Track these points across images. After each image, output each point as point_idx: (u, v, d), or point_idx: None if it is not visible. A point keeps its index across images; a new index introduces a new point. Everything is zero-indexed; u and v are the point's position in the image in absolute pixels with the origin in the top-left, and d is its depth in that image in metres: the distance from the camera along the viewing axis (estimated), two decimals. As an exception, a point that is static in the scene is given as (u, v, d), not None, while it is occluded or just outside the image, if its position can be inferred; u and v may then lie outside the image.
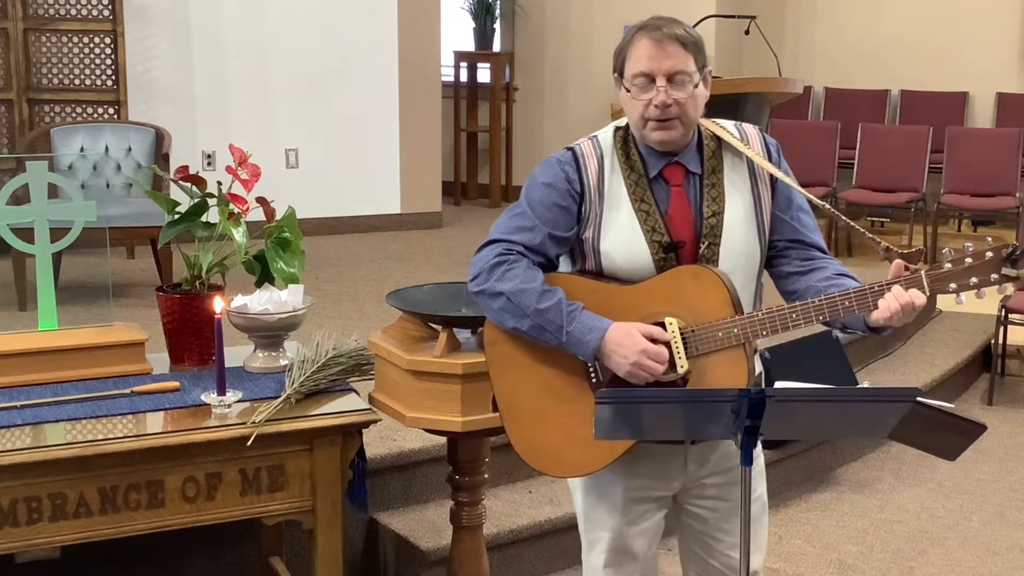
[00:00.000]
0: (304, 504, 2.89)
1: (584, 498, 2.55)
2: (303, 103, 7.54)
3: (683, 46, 2.30)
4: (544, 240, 2.38)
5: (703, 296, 2.28)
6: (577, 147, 2.42)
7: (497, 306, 2.36)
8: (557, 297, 2.32)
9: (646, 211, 2.35)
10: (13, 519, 2.62)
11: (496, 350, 2.46)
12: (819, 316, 2.24)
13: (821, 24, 9.45)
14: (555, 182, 2.38)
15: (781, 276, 2.43)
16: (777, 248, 2.42)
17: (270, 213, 3.21)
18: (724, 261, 2.34)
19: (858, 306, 2.21)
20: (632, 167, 2.38)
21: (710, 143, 2.40)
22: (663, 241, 2.33)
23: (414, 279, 5.88)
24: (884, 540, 4.25)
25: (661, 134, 2.33)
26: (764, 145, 2.44)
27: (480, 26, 9.14)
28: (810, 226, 2.44)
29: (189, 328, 3.15)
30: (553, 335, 2.31)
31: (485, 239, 2.46)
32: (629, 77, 2.34)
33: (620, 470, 2.44)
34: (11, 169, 6.30)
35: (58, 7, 6.72)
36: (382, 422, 3.07)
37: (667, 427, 2.30)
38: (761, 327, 2.24)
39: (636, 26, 2.36)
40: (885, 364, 5.68)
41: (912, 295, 2.18)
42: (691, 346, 2.28)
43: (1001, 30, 8.87)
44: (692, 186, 2.37)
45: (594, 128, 2.49)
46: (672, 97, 2.29)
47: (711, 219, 2.35)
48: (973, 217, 8.31)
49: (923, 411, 2.16)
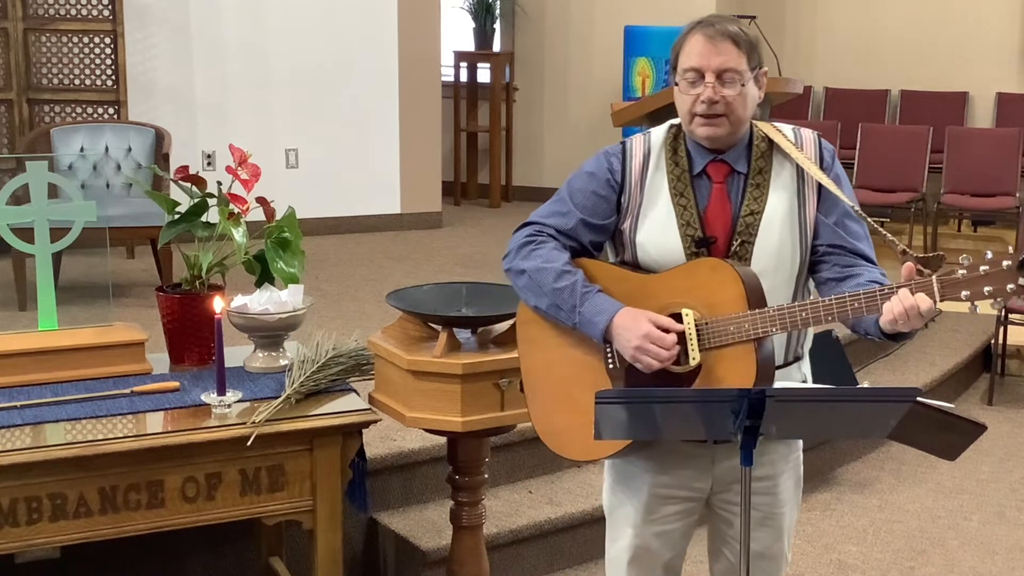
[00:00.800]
0: (304, 504, 2.89)
1: (610, 492, 2.57)
2: (303, 103, 7.54)
3: (736, 44, 2.31)
4: (577, 225, 2.42)
5: (719, 290, 2.28)
6: (628, 141, 2.46)
7: (521, 284, 2.43)
8: (575, 278, 2.36)
9: (683, 205, 2.37)
10: (13, 519, 2.62)
11: (526, 329, 2.50)
12: (828, 315, 2.23)
13: (821, 24, 9.45)
14: (597, 171, 2.43)
15: (820, 282, 2.43)
16: (818, 253, 2.41)
17: (270, 213, 3.21)
18: (758, 260, 2.35)
19: (867, 307, 2.20)
20: (677, 162, 2.40)
21: (761, 144, 2.40)
22: (695, 235, 2.35)
23: (414, 279, 5.90)
24: (884, 540, 4.25)
25: (706, 130, 2.34)
26: (819, 150, 2.43)
27: (480, 26, 9.13)
28: (856, 233, 2.42)
29: (189, 328, 3.15)
30: (567, 314, 2.36)
31: (523, 222, 2.50)
32: (680, 71, 2.35)
33: (647, 466, 2.46)
34: (11, 169, 6.31)
35: (58, 7, 6.72)
36: (382, 422, 3.07)
37: (668, 428, 2.29)
38: (771, 324, 2.24)
39: (693, 22, 2.37)
40: (885, 364, 5.67)
41: (918, 299, 2.14)
42: (704, 338, 2.29)
43: (1001, 30, 8.87)
44: (736, 184, 2.38)
45: (593, 128, 2.51)
46: (720, 94, 2.30)
47: (748, 217, 2.36)
48: (973, 217, 8.31)
49: (923, 411, 2.16)
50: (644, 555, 2.53)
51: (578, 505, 3.97)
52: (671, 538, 2.52)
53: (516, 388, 2.87)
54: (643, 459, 2.46)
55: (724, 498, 2.49)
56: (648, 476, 2.47)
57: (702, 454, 2.44)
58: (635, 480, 2.50)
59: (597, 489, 4.07)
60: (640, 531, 2.51)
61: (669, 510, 2.49)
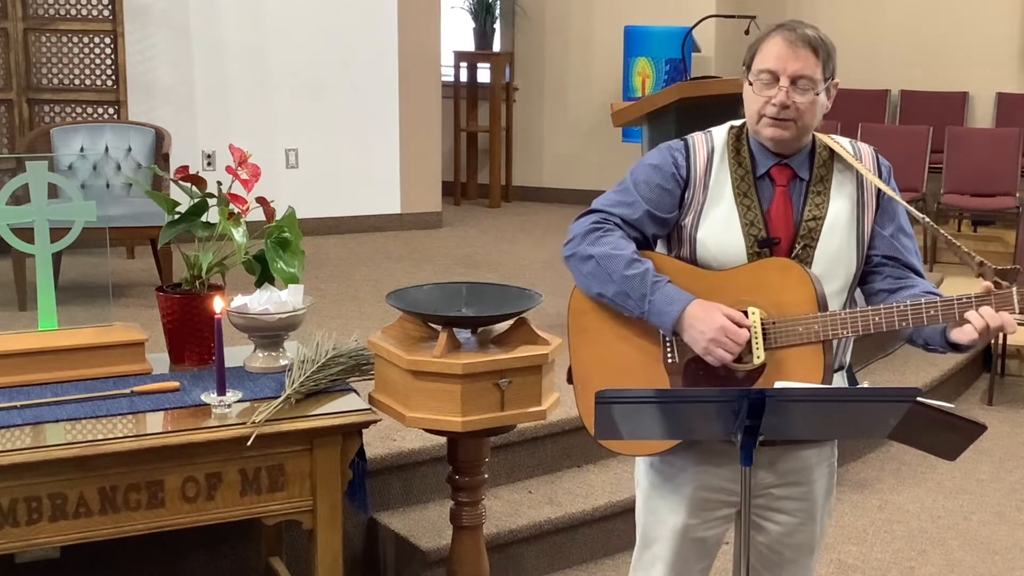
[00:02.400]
0: (304, 504, 2.89)
1: (649, 494, 2.52)
2: (303, 103, 7.54)
3: (814, 52, 2.30)
4: (642, 216, 2.40)
5: (789, 290, 2.28)
6: (690, 138, 2.44)
7: (586, 270, 2.38)
8: (645, 267, 2.33)
9: (747, 205, 2.37)
10: (13, 519, 2.62)
11: (580, 320, 2.46)
12: (902, 321, 2.23)
13: (821, 24, 9.28)
14: (662, 164, 2.41)
15: (872, 293, 2.43)
16: (872, 263, 2.42)
17: (270, 213, 3.21)
18: (818, 264, 2.35)
19: (943, 316, 2.21)
20: (740, 163, 2.39)
21: (823, 152, 2.41)
22: (759, 236, 2.35)
23: (414, 279, 5.90)
24: (884, 540, 4.25)
25: (773, 131, 2.33)
26: (876, 164, 2.44)
27: (480, 26, 9.13)
28: (909, 248, 2.44)
29: (189, 328, 3.15)
30: (636, 303, 2.33)
31: (585, 209, 2.47)
32: (755, 71, 2.33)
33: (690, 464, 2.43)
34: (11, 169, 6.31)
35: (58, 7, 6.71)
36: (382, 422, 3.07)
37: (668, 428, 2.28)
38: (843, 327, 2.25)
39: (776, 23, 2.36)
40: (885, 364, 5.67)
41: (1003, 318, 2.17)
42: (770, 338, 2.28)
43: (1001, 30, 8.87)
44: (797, 189, 2.38)
45: (593, 128, 2.50)
46: (792, 99, 2.29)
47: (810, 222, 2.36)
48: (973, 217, 8.31)
49: (923, 411, 2.16)
50: (680, 563, 2.48)
51: (578, 505, 3.97)
52: (706, 545, 2.50)
53: (516, 388, 2.87)
54: (685, 459, 2.42)
55: (759, 503, 2.46)
56: (691, 476, 2.44)
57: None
58: (677, 480, 2.45)
59: (597, 489, 4.08)
60: (681, 536, 2.46)
61: (711, 515, 2.46)
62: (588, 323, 2.45)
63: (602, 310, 2.42)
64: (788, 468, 2.44)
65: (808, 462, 2.47)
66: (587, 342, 2.46)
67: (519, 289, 3.10)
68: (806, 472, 2.47)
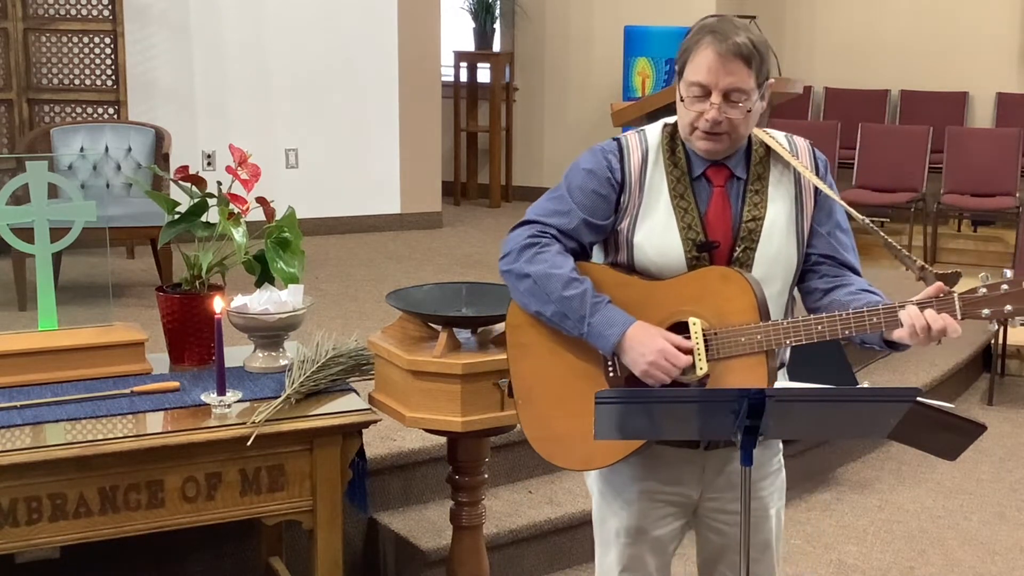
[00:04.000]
0: (304, 504, 2.89)
1: (601, 503, 2.53)
2: (303, 103, 7.54)
3: (747, 63, 2.22)
4: (579, 225, 2.35)
5: (730, 299, 2.25)
6: (623, 138, 2.40)
7: (523, 288, 2.33)
8: (584, 287, 2.29)
9: (684, 208, 2.32)
10: (13, 519, 2.62)
11: (518, 333, 2.43)
12: (845, 329, 2.20)
13: (821, 24, 9.45)
14: (596, 169, 2.36)
15: (808, 291, 2.41)
16: (810, 261, 2.39)
17: (270, 213, 3.21)
18: (758, 267, 2.32)
19: (886, 323, 2.18)
20: (676, 164, 2.35)
21: (759, 149, 2.37)
22: (697, 239, 2.31)
23: (414, 279, 5.90)
24: (884, 540, 4.25)
25: (706, 144, 2.29)
26: (813, 159, 2.42)
27: (480, 26, 9.13)
28: (846, 245, 2.42)
29: (189, 328, 3.15)
30: (575, 324, 2.29)
31: (520, 219, 2.42)
32: (686, 82, 2.27)
33: (635, 472, 2.42)
34: (11, 169, 6.30)
35: (58, 7, 6.72)
36: (382, 422, 3.07)
37: (668, 428, 2.28)
38: (785, 336, 2.21)
39: (706, 25, 2.27)
40: (885, 364, 5.67)
41: (946, 320, 2.14)
42: (712, 348, 2.25)
43: (1001, 30, 8.87)
44: (735, 189, 2.35)
45: (593, 128, 2.48)
46: (724, 115, 2.24)
47: (750, 223, 2.32)
48: (973, 217, 8.32)
49: (923, 411, 2.16)
50: (637, 565, 2.49)
51: (578, 505, 3.97)
52: (661, 544, 2.49)
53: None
54: (632, 465, 2.41)
55: (713, 507, 2.46)
56: (639, 481, 2.43)
57: (693, 460, 2.41)
58: (625, 487, 2.46)
59: (597, 489, 4.08)
60: (633, 539, 2.47)
61: (660, 513, 2.46)
62: (526, 337, 2.41)
63: (539, 324, 2.37)
64: (736, 469, 2.41)
65: (760, 460, 2.44)
66: (526, 356, 2.42)
67: (519, 289, 3.09)
68: (756, 471, 2.42)
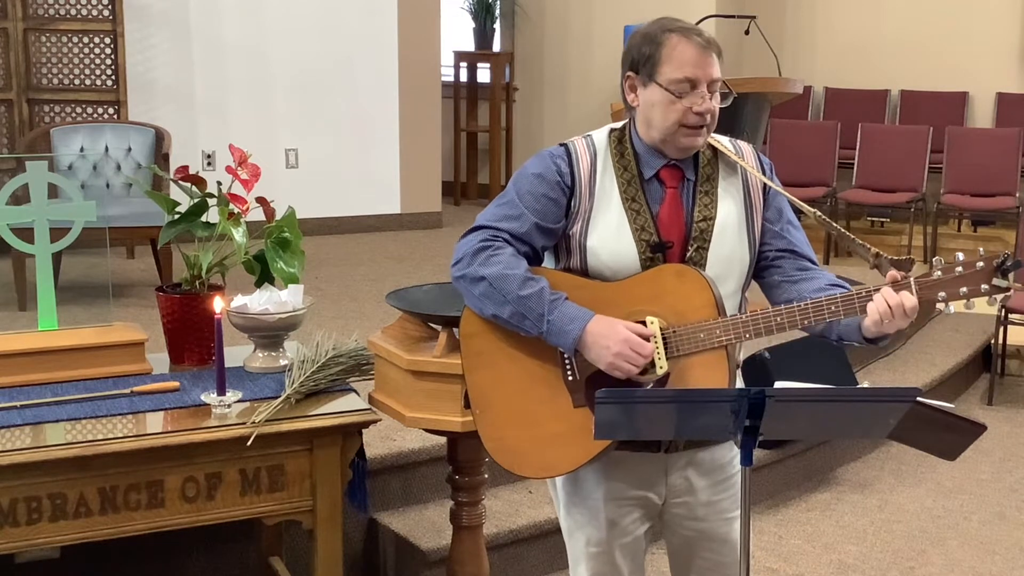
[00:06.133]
0: (304, 504, 2.89)
1: (567, 513, 2.52)
2: (303, 103, 7.54)
3: (718, 55, 2.30)
4: (531, 229, 2.34)
5: (687, 296, 2.26)
6: (571, 143, 2.40)
7: (478, 291, 2.32)
8: (540, 285, 2.28)
9: (636, 210, 2.33)
10: (13, 519, 2.62)
11: (472, 343, 2.42)
12: (804, 319, 2.21)
13: (821, 24, 9.46)
14: (545, 173, 2.35)
15: (772, 286, 2.41)
16: (768, 258, 2.40)
17: (270, 213, 3.21)
18: (712, 266, 2.33)
19: (844, 310, 2.18)
20: (625, 167, 2.36)
21: (706, 151, 2.39)
22: (651, 240, 2.31)
23: (414, 279, 5.89)
24: (884, 540, 4.25)
25: (690, 140, 2.31)
26: (758, 161, 2.43)
27: (480, 26, 9.14)
28: (801, 240, 2.43)
29: (189, 328, 3.15)
30: (533, 323, 2.28)
31: (469, 227, 2.42)
32: (669, 80, 2.27)
33: (599, 476, 2.42)
34: (11, 169, 6.31)
35: (58, 7, 6.72)
36: (382, 422, 3.07)
37: (665, 428, 2.28)
38: (744, 330, 2.22)
39: (664, 25, 2.30)
40: (885, 364, 5.67)
41: (903, 296, 2.14)
42: (672, 346, 2.25)
43: (1001, 30, 8.87)
44: (686, 190, 2.36)
45: (593, 128, 2.48)
46: (712, 105, 2.29)
47: (701, 223, 2.33)
48: (973, 217, 8.32)
49: (923, 411, 2.16)
50: (610, 570, 2.48)
51: (578, 505, 3.97)
52: (630, 549, 2.48)
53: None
54: (595, 470, 2.40)
55: (678, 513, 2.46)
56: (602, 486, 2.42)
57: (654, 461, 2.40)
58: (590, 494, 2.44)
59: (597, 489, 4.08)
60: (604, 547, 2.46)
61: (627, 519, 2.44)
62: (480, 346, 2.40)
63: (494, 331, 2.36)
64: (705, 469, 2.43)
65: (724, 459, 2.45)
66: (482, 365, 2.41)
67: (519, 289, 3.09)
68: (723, 469, 2.45)
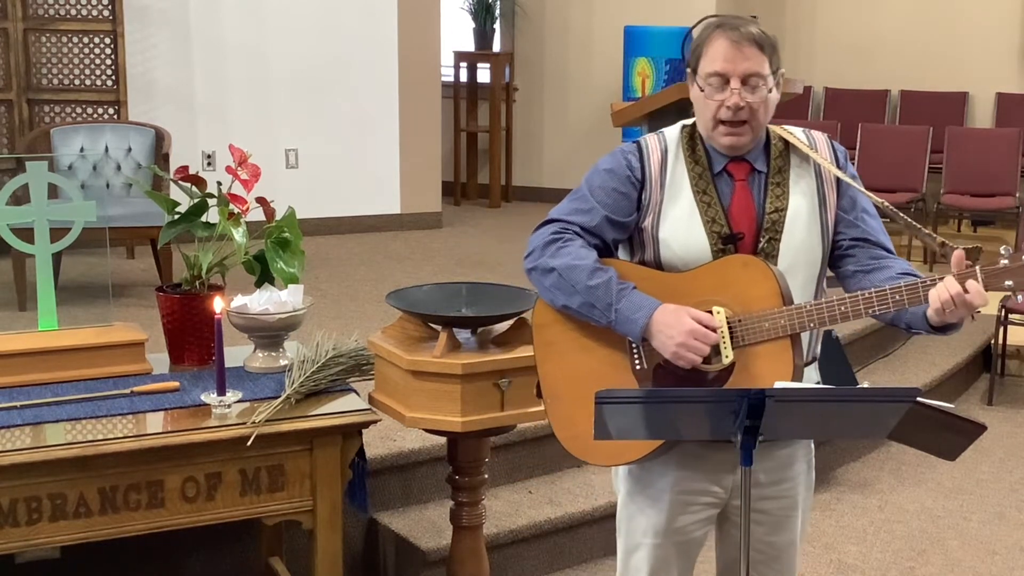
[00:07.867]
0: (304, 504, 2.89)
1: (629, 500, 2.50)
2: (303, 103, 7.53)
3: (760, 48, 2.28)
4: (601, 223, 2.37)
5: (751, 285, 2.26)
6: (642, 139, 2.42)
7: (549, 283, 2.35)
8: (608, 275, 2.31)
9: (707, 202, 2.34)
10: (13, 519, 2.62)
11: (544, 333, 2.44)
12: (868, 309, 2.21)
13: (821, 24, 9.45)
14: (616, 168, 2.39)
15: (847, 275, 2.41)
16: (843, 247, 2.40)
17: (270, 213, 3.21)
18: (784, 257, 2.33)
19: (908, 299, 2.18)
20: (696, 160, 2.37)
21: (778, 143, 2.39)
22: (722, 232, 2.32)
23: (414, 279, 5.90)
24: (884, 540, 4.25)
25: (730, 139, 2.32)
26: (832, 150, 2.43)
27: (480, 26, 9.13)
28: (876, 228, 2.42)
29: (189, 328, 3.15)
30: (602, 312, 2.30)
31: (542, 220, 2.44)
32: (703, 76, 2.31)
33: (669, 469, 2.41)
34: (11, 169, 6.30)
35: (58, 7, 6.71)
36: (382, 422, 3.07)
37: (668, 428, 2.28)
38: (809, 319, 2.22)
39: (712, 23, 2.33)
40: (885, 364, 5.67)
41: (968, 285, 2.13)
42: (737, 336, 2.26)
43: (1001, 30, 8.87)
44: (757, 183, 2.37)
45: (593, 128, 2.49)
46: (745, 100, 2.27)
47: (773, 215, 2.34)
48: (973, 217, 8.32)
49: (923, 411, 2.16)
50: (662, 567, 2.47)
51: (578, 505, 3.97)
52: (688, 548, 2.48)
53: (516, 388, 2.87)
54: (664, 463, 2.40)
55: (738, 505, 2.43)
56: (671, 480, 2.42)
57: (725, 457, 2.38)
58: (656, 485, 2.43)
59: (597, 489, 4.08)
60: (662, 540, 2.44)
61: (690, 517, 2.44)
62: (552, 336, 2.42)
63: (565, 322, 2.39)
64: (766, 468, 2.42)
65: (785, 460, 2.46)
66: (553, 355, 2.43)
67: (519, 289, 3.10)
68: (784, 470, 2.46)
